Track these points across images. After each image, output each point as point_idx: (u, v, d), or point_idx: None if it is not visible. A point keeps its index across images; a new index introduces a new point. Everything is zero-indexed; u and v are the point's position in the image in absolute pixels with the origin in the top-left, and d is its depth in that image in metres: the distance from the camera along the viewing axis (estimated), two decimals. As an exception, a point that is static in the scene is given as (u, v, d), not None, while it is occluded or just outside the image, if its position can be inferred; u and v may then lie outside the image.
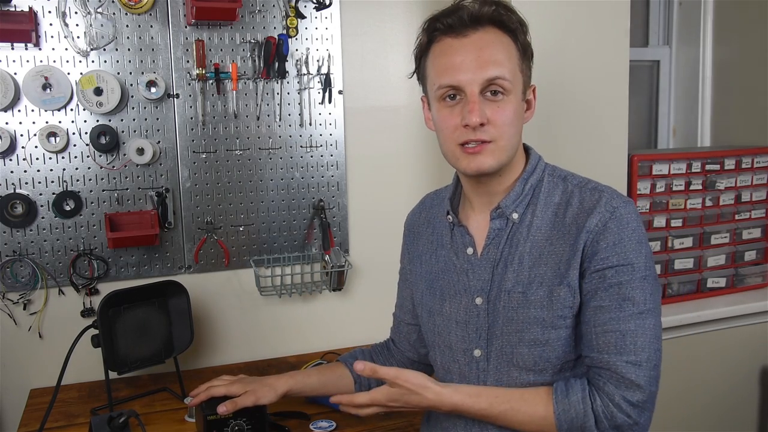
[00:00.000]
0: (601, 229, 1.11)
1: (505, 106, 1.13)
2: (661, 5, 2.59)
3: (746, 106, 2.38)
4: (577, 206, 1.16)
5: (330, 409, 1.61)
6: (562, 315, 1.13)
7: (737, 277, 2.24)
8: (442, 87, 1.15)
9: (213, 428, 1.38)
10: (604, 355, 1.09)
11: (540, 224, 1.17)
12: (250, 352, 1.98)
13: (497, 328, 1.17)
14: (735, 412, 2.23)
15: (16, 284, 1.77)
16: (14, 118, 1.71)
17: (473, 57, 1.12)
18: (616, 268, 1.10)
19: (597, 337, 1.10)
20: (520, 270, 1.16)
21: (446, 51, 1.15)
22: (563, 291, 1.12)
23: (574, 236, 1.13)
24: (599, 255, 1.11)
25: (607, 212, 1.12)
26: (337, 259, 1.98)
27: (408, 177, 2.10)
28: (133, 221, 1.81)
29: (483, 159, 1.13)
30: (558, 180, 1.21)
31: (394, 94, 2.06)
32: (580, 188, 1.18)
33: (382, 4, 2.01)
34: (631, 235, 1.11)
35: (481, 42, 1.13)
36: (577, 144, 1.93)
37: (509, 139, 1.14)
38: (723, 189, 2.19)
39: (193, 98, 1.84)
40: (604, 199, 1.14)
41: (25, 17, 1.67)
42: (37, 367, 1.79)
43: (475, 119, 1.10)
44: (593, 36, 1.87)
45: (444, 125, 1.16)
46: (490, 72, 1.11)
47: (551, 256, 1.15)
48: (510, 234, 1.19)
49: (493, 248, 1.20)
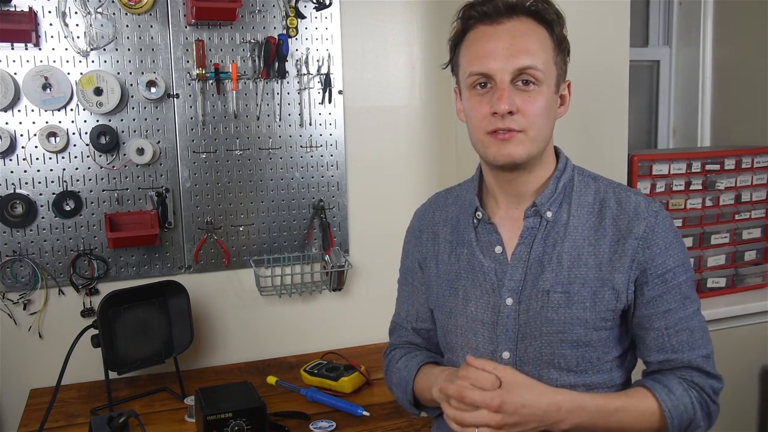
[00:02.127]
0: (650, 235, 1.12)
1: (536, 96, 1.11)
2: (661, 5, 2.59)
3: (746, 106, 2.38)
4: (615, 208, 1.15)
5: (330, 409, 1.61)
6: (605, 317, 1.13)
7: (737, 277, 2.24)
8: (472, 74, 1.12)
9: (213, 428, 1.38)
10: (679, 354, 1.13)
11: (577, 224, 1.16)
12: (250, 352, 1.98)
13: (533, 328, 1.14)
14: (735, 412, 2.23)
15: (16, 284, 1.77)
16: (14, 118, 1.71)
17: (506, 45, 1.10)
18: (674, 270, 1.13)
19: (670, 339, 1.13)
20: (559, 270, 1.14)
21: (479, 38, 1.13)
22: (607, 293, 1.12)
23: (615, 239, 1.13)
24: (656, 260, 1.12)
25: (651, 217, 1.13)
26: (337, 259, 1.98)
27: (408, 177, 2.10)
28: (133, 221, 1.81)
29: (513, 147, 1.11)
30: (589, 180, 1.21)
31: (394, 94, 2.06)
32: (614, 189, 1.18)
33: (382, 4, 2.01)
34: (675, 236, 1.15)
35: (515, 30, 1.11)
36: (577, 144, 1.93)
37: (539, 130, 1.12)
38: (723, 189, 2.19)
39: (193, 98, 1.84)
40: (643, 204, 1.15)
41: (25, 17, 1.67)
42: (37, 367, 1.79)
43: (503, 107, 1.08)
44: (593, 36, 1.87)
45: (473, 113, 1.14)
46: (522, 61, 1.09)
47: (591, 257, 1.13)
48: (545, 233, 1.16)
49: (525, 247, 1.17)
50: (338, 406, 1.62)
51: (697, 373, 1.14)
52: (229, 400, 1.44)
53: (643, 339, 1.16)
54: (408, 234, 1.39)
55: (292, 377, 1.80)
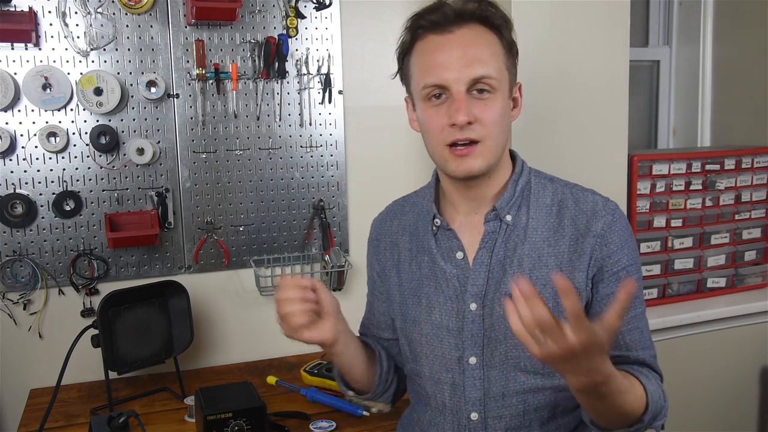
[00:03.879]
0: (608, 232, 1.13)
1: (492, 104, 1.11)
2: (661, 5, 2.59)
3: (746, 106, 2.38)
4: (573, 208, 1.16)
5: (330, 409, 1.61)
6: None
7: (737, 277, 2.24)
8: (427, 86, 1.12)
9: (213, 428, 1.38)
10: (633, 352, 1.14)
11: (536, 226, 1.16)
12: (250, 352, 1.98)
13: (498, 332, 1.14)
14: (735, 411, 2.23)
15: (16, 284, 1.77)
16: (14, 118, 1.71)
17: (459, 55, 1.09)
18: (628, 268, 1.14)
19: (623, 336, 1.13)
20: (520, 272, 1.14)
21: (430, 49, 1.12)
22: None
23: (574, 238, 1.13)
24: (612, 258, 1.13)
25: (608, 215, 1.14)
26: (337, 259, 1.98)
27: (408, 177, 2.09)
28: (133, 221, 1.81)
29: (472, 161, 1.11)
30: (545, 181, 1.21)
31: (394, 94, 2.02)
32: (571, 190, 1.19)
33: (382, 4, 2.01)
34: (630, 234, 1.16)
35: (466, 39, 1.10)
36: (577, 144, 1.93)
37: (497, 137, 1.12)
38: (723, 189, 2.19)
39: (193, 98, 1.84)
40: (600, 202, 1.16)
41: (25, 17, 1.67)
42: (37, 367, 1.79)
43: (462, 118, 1.08)
44: (593, 36, 1.87)
45: (430, 125, 1.13)
46: (476, 71, 1.09)
47: (551, 257, 1.14)
48: (505, 237, 1.16)
49: (486, 252, 1.17)
50: (338, 406, 1.62)
51: (653, 372, 1.15)
52: (229, 400, 1.44)
53: None
54: (368, 244, 1.38)
55: (292, 377, 1.80)
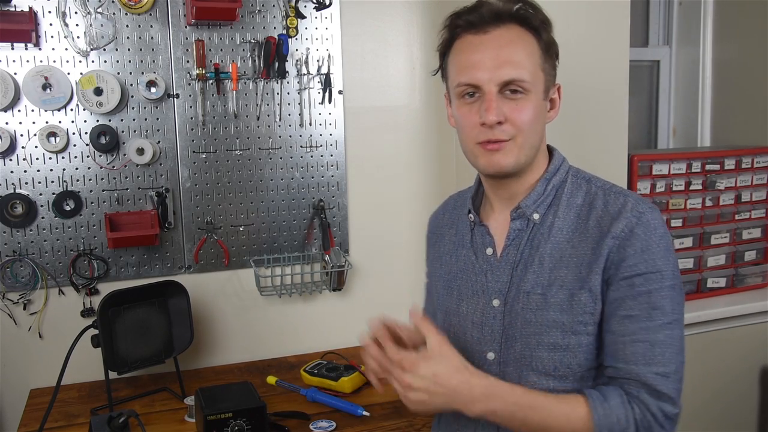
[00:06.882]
0: (628, 235, 1.08)
1: (524, 105, 1.11)
2: (661, 5, 2.59)
3: (746, 106, 2.38)
4: (601, 209, 1.13)
5: (330, 409, 1.61)
6: (583, 321, 1.10)
7: (737, 277, 2.24)
8: (461, 85, 1.13)
9: (213, 428, 1.38)
10: (632, 366, 1.06)
11: (562, 225, 1.15)
12: (250, 352, 1.98)
13: (515, 330, 1.14)
14: (735, 412, 2.23)
15: (16, 284, 1.77)
16: (14, 118, 1.71)
17: (492, 55, 1.10)
18: (645, 275, 1.06)
19: (625, 347, 1.06)
20: (540, 271, 1.13)
21: (466, 48, 1.13)
22: (584, 296, 1.09)
23: (597, 240, 1.11)
24: (627, 262, 1.07)
25: (633, 217, 1.09)
26: (337, 259, 1.98)
27: (408, 177, 2.10)
28: (133, 221, 1.81)
29: (501, 157, 1.12)
30: (582, 182, 1.19)
31: (394, 94, 2.06)
32: (605, 191, 1.16)
33: (382, 4, 2.01)
34: (659, 241, 1.08)
35: (501, 40, 1.11)
36: (577, 144, 1.93)
37: (528, 138, 1.12)
38: (723, 189, 2.19)
39: (193, 98, 1.84)
40: (629, 204, 1.11)
41: (25, 17, 1.67)
42: (37, 367, 1.79)
43: (492, 118, 1.09)
44: (593, 36, 1.87)
45: (463, 123, 1.15)
46: (507, 73, 1.09)
47: (572, 258, 1.12)
48: (531, 235, 1.16)
49: (512, 249, 1.17)
50: (338, 406, 1.62)
51: (647, 391, 1.05)
52: (229, 400, 1.44)
53: (604, 342, 1.11)
54: (427, 235, 1.42)
55: (292, 377, 1.80)
